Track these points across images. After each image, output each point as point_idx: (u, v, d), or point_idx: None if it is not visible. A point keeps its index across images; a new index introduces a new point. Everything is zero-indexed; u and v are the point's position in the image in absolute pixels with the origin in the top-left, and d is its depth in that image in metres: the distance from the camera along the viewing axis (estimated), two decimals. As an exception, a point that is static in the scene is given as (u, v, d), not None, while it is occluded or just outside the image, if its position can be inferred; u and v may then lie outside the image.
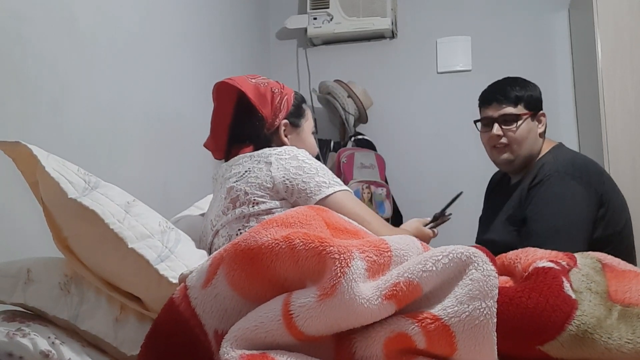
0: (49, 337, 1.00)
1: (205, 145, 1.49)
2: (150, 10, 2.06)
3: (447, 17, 3.07)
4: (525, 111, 1.68)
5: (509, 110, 1.67)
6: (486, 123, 1.73)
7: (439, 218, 1.54)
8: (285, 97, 1.45)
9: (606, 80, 2.30)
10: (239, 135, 1.41)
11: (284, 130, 1.44)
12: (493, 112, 1.70)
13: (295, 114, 1.47)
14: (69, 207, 1.08)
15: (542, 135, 1.73)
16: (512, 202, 1.69)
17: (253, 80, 1.43)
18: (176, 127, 2.16)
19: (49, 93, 1.56)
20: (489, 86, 1.77)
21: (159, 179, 2.05)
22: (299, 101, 1.50)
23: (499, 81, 1.75)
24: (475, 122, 1.79)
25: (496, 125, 1.69)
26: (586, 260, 1.01)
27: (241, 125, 1.42)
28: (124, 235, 1.07)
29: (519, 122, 1.67)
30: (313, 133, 1.53)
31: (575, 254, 1.04)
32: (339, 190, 1.29)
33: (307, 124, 1.50)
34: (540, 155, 1.71)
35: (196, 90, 2.35)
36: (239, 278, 0.90)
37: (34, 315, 1.07)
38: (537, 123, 1.71)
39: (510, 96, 1.68)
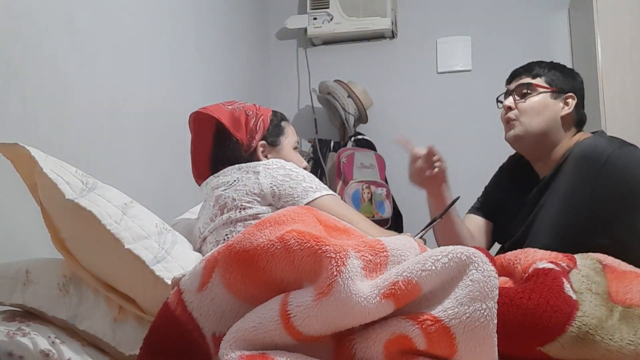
0: (49, 337, 1.00)
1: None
2: (151, 11, 2.06)
3: (447, 17, 3.07)
4: (544, 84, 1.53)
5: (525, 79, 1.55)
6: (505, 98, 1.60)
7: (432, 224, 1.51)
8: (260, 118, 1.47)
9: (606, 80, 2.30)
10: (220, 161, 1.44)
11: (263, 150, 1.46)
12: (511, 86, 1.59)
13: (273, 133, 1.49)
14: (66, 208, 1.08)
15: (568, 120, 1.53)
16: (556, 205, 1.43)
17: (229, 107, 1.46)
18: (177, 127, 2.16)
19: (49, 93, 1.56)
20: None
21: (160, 178, 2.05)
22: (278, 119, 1.52)
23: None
24: (497, 99, 1.66)
25: (510, 97, 1.57)
26: (586, 261, 1.01)
27: (221, 151, 1.45)
28: (121, 236, 1.08)
29: (534, 94, 1.52)
30: (296, 148, 1.53)
31: (575, 255, 1.03)
32: (326, 195, 1.32)
33: (287, 140, 1.51)
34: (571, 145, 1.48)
35: (197, 90, 2.35)
36: (234, 280, 0.90)
37: (33, 315, 1.07)
38: (561, 104, 1.52)
39: (531, 70, 1.56)
